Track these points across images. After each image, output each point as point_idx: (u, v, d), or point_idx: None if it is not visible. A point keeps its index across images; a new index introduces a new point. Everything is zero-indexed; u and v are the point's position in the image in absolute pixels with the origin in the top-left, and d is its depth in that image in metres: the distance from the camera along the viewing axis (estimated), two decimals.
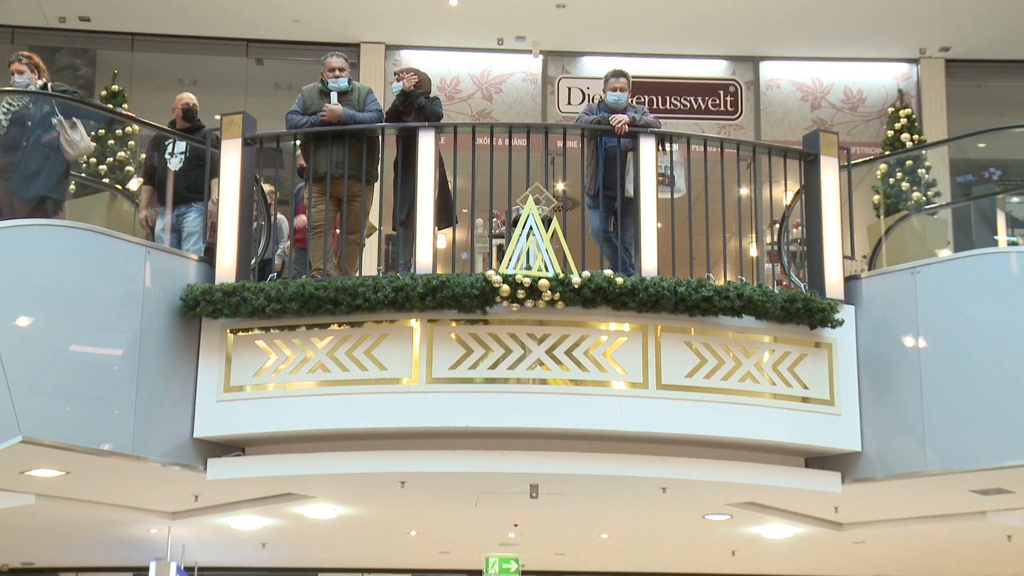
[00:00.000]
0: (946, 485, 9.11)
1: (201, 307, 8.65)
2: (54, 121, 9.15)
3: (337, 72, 9.85)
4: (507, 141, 9.27)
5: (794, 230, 10.06)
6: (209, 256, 9.09)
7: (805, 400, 8.97)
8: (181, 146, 10.04)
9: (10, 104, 9.38)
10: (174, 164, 9.99)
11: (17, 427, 7.85)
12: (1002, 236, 10.12)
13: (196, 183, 9.86)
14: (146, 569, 10.06)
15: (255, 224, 9.43)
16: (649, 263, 8.98)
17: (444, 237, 10.33)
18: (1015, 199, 11.80)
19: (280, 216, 10.75)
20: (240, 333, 8.80)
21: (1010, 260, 9.15)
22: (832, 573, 12.51)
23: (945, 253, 10.65)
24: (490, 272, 8.59)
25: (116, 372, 8.46)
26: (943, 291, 9.11)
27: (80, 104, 10.13)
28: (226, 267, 8.93)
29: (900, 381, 9.06)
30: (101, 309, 8.55)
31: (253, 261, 9.25)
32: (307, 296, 8.56)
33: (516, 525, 10.67)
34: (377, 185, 9.88)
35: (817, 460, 9.23)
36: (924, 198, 10.96)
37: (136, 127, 10.48)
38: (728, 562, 12.10)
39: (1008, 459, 8.58)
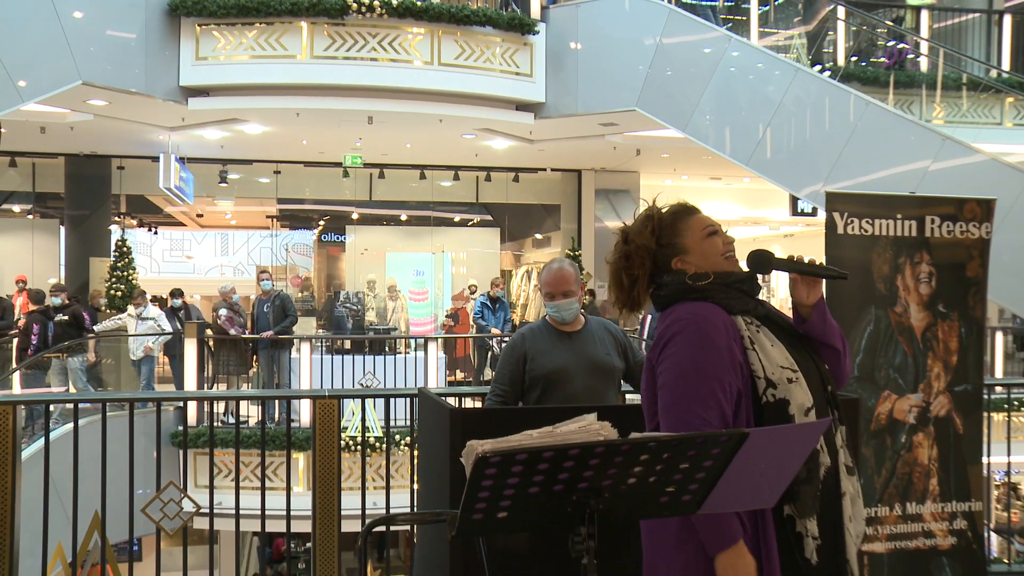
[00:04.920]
0: (586, 121, 9.72)
1: (179, 10, 8.49)
2: None
3: None
4: None
5: None
6: None
7: (517, 74, 9.32)
8: None
9: None
10: None
11: (78, 75, 7.87)
12: None
13: None
14: (158, 157, 10.16)
15: None
16: None
17: None
18: None
19: None
20: (203, 26, 8.66)
21: (625, 2, 9.74)
22: (527, 165, 12.89)
23: None
24: None
25: (133, 47, 8.36)
26: (592, 18, 9.37)
27: None
28: None
29: (567, 66, 9.40)
30: (121, 8, 8.27)
31: None
32: (241, 6, 8.49)
33: (360, 138, 10.80)
34: None
35: (522, 107, 9.54)
36: None
37: None
38: (473, 160, 12.33)
39: (615, 107, 9.28)
